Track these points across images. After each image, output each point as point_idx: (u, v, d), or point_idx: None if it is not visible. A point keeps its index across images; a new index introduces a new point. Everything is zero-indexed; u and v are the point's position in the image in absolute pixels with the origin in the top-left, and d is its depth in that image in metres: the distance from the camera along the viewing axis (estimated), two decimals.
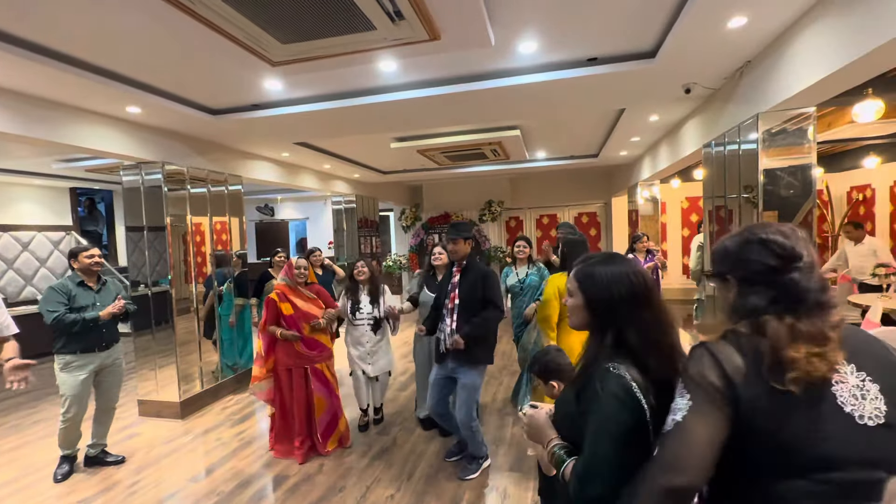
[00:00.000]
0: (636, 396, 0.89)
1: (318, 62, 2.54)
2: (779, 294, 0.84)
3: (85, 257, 2.93)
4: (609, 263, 1.02)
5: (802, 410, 0.76)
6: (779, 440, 0.76)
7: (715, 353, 0.82)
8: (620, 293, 0.97)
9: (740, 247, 0.91)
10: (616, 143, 5.48)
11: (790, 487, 0.77)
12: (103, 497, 2.70)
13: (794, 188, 2.81)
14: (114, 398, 3.10)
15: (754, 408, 0.77)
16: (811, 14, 2.19)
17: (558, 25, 2.44)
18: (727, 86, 3.20)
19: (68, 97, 3.00)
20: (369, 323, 3.31)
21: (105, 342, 2.96)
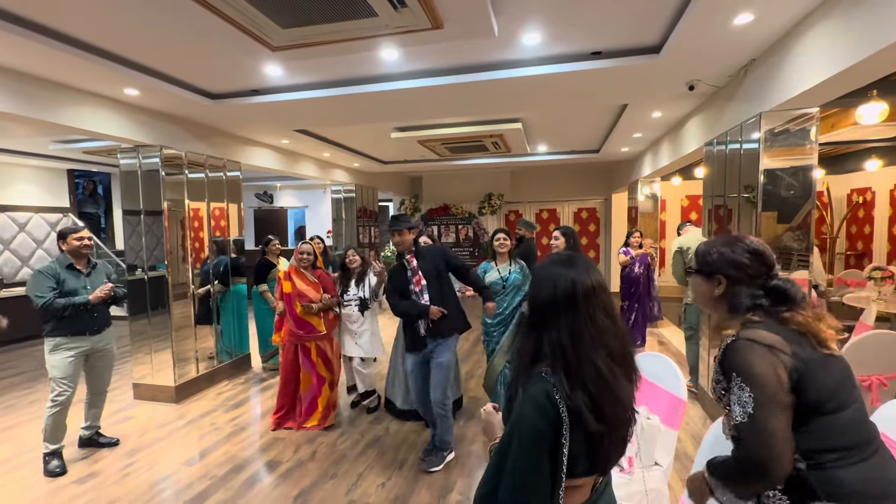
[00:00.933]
0: (555, 402, 0.86)
1: (318, 48, 2.51)
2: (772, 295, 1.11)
3: (74, 239, 2.84)
4: (553, 265, 0.97)
5: (833, 364, 1.05)
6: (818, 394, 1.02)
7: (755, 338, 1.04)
8: (544, 295, 0.94)
9: (737, 254, 1.14)
10: (618, 139, 5.45)
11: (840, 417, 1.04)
12: (97, 479, 2.72)
13: (795, 189, 2.80)
14: (105, 382, 3.08)
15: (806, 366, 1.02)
16: (817, 13, 2.17)
17: (563, 17, 2.41)
18: (731, 84, 3.18)
19: (65, 77, 2.96)
20: (356, 304, 3.52)
21: (97, 326, 2.91)
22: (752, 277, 1.13)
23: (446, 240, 9.29)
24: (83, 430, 3.09)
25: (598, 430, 0.86)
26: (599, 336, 0.90)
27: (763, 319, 1.09)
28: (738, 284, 1.14)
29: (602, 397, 0.87)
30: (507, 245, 3.25)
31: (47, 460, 2.79)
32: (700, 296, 1.24)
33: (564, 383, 0.87)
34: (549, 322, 0.92)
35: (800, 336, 1.06)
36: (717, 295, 1.18)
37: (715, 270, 1.17)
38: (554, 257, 1.01)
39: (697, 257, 1.24)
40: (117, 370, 4.72)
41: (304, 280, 3.37)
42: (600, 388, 0.87)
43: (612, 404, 0.88)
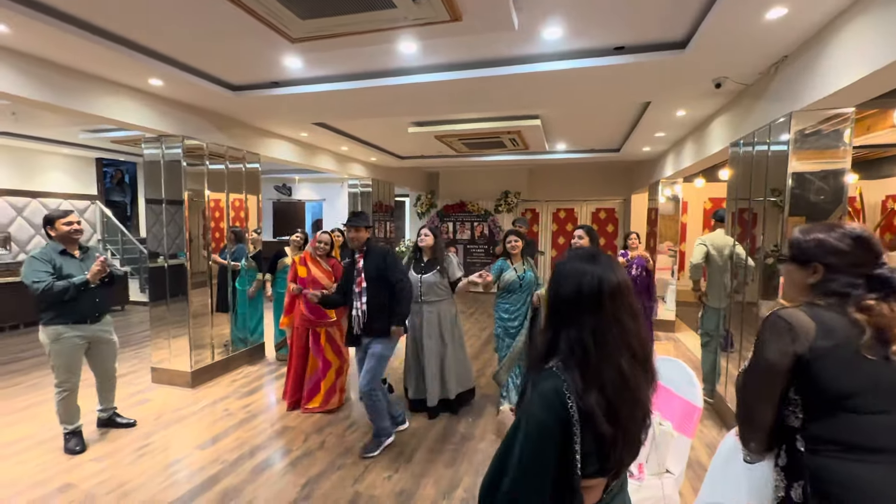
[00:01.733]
0: (565, 400, 0.83)
1: (337, 40, 2.51)
2: (873, 283, 1.06)
3: (62, 224, 2.73)
4: (577, 260, 0.94)
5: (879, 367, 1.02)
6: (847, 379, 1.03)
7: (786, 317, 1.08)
8: (567, 291, 0.90)
9: (836, 240, 1.11)
10: (639, 138, 5.32)
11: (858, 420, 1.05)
12: (113, 458, 2.81)
13: (825, 194, 2.68)
14: (111, 369, 3.08)
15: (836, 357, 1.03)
16: (856, 6, 2.06)
17: (585, 11, 2.35)
18: (760, 82, 3.06)
19: (95, 68, 3.04)
20: None
21: (98, 312, 2.88)
22: (854, 266, 1.09)
23: (461, 237, 9.26)
24: (99, 412, 3.16)
25: (610, 432, 0.83)
26: (623, 337, 0.87)
27: (825, 304, 1.10)
28: (836, 272, 1.10)
29: (620, 399, 0.85)
30: (520, 246, 3.32)
31: (67, 438, 2.88)
32: (792, 284, 1.21)
33: (578, 381, 0.85)
34: (569, 318, 0.89)
35: (852, 329, 1.04)
36: (810, 283, 1.14)
37: (811, 258, 1.14)
38: (577, 253, 0.96)
39: (792, 244, 1.22)
40: (137, 354, 4.88)
41: (319, 267, 3.51)
42: (620, 389, 0.85)
43: (629, 407, 0.86)
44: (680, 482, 1.97)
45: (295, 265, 3.58)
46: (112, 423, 3.18)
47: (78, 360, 2.86)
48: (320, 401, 3.49)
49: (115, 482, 2.55)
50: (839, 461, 1.04)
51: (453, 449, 2.96)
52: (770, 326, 1.11)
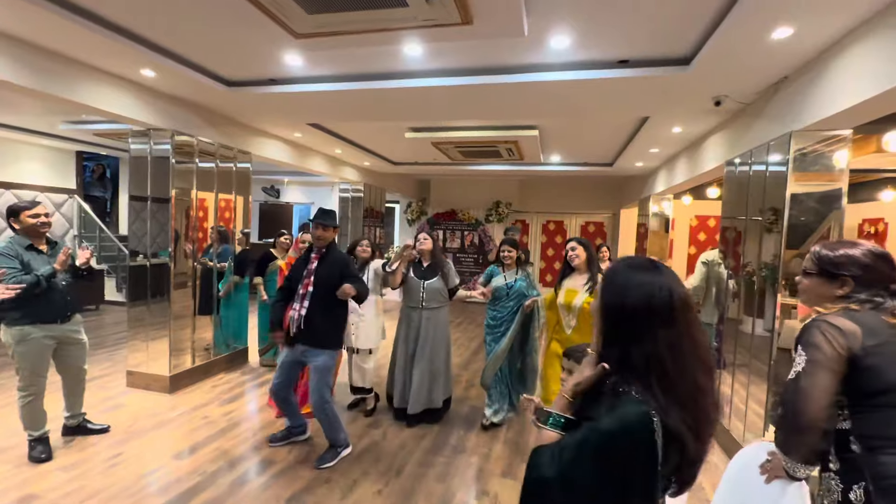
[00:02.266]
0: (651, 427, 0.78)
1: (342, 38, 2.45)
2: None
3: (28, 216, 2.54)
4: (638, 271, 0.88)
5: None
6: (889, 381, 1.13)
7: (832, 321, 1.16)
8: (634, 304, 0.84)
9: (871, 259, 1.22)
10: (634, 153, 5.39)
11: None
12: (83, 467, 2.62)
13: (820, 215, 2.72)
14: (81, 371, 2.89)
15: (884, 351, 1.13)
16: (861, 29, 2.10)
17: (594, 22, 2.35)
18: (759, 101, 3.11)
19: (83, 54, 2.91)
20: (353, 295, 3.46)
21: (68, 311, 2.71)
22: (878, 280, 1.20)
23: (451, 245, 9.22)
24: (66, 418, 2.94)
25: (696, 450, 0.80)
26: (695, 350, 0.83)
27: (860, 308, 1.19)
28: (863, 285, 1.21)
29: (699, 414, 0.82)
30: (513, 256, 3.30)
31: (32, 446, 2.68)
32: (819, 297, 1.29)
33: (660, 400, 0.80)
34: (640, 333, 0.83)
35: (889, 329, 1.16)
36: (839, 295, 1.23)
37: (841, 272, 1.23)
38: (634, 262, 0.90)
39: (821, 259, 1.28)
40: (111, 356, 4.65)
41: None
42: (698, 405, 0.82)
43: (707, 423, 0.83)
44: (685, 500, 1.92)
45: (282, 271, 3.50)
46: (81, 430, 2.98)
47: (45, 362, 2.68)
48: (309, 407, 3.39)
49: (83, 494, 2.37)
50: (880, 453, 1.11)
51: (444, 462, 2.86)
52: (819, 330, 1.17)
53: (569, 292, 2.84)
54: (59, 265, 2.54)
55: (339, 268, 2.73)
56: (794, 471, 1.22)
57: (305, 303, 2.68)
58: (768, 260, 2.93)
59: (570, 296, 2.82)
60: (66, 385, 2.90)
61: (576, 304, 2.78)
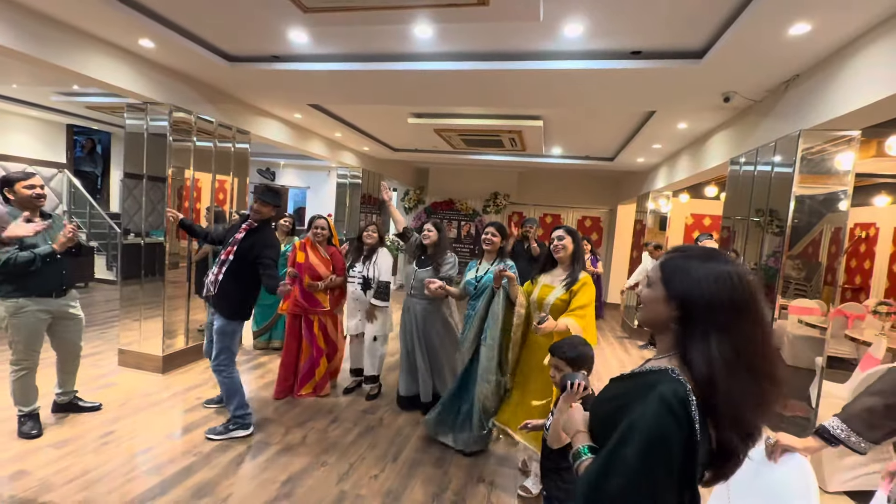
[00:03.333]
0: (689, 409, 0.78)
1: (353, 14, 2.38)
2: None
3: (24, 187, 2.46)
4: (708, 259, 0.86)
5: None
6: None
7: None
8: (720, 295, 0.82)
9: None
10: (636, 148, 5.37)
11: None
12: (74, 444, 2.58)
13: (821, 217, 2.74)
14: (76, 348, 2.83)
15: None
16: (877, 30, 2.09)
17: (609, 10, 2.30)
18: (768, 99, 3.10)
19: (79, 19, 2.79)
20: (359, 282, 3.45)
21: (64, 285, 2.65)
22: None
23: (448, 235, 9.18)
24: (58, 395, 2.89)
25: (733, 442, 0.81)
26: (773, 345, 0.84)
27: None
28: None
29: (770, 403, 0.82)
30: (495, 243, 2.86)
31: (22, 421, 2.63)
32: None
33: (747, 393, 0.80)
34: (723, 324, 0.81)
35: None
36: None
37: None
38: (700, 252, 0.89)
39: None
40: (102, 335, 4.58)
41: (317, 254, 3.42)
42: (770, 400, 0.82)
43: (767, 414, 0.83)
44: None
45: (295, 250, 3.46)
46: (72, 408, 2.93)
47: (40, 337, 2.62)
48: (313, 386, 3.48)
49: (75, 470, 2.34)
50: None
51: (441, 448, 2.86)
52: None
53: (544, 287, 2.40)
54: (59, 246, 2.50)
55: (260, 248, 2.73)
56: (864, 447, 1.38)
57: (223, 268, 2.74)
58: (769, 261, 2.95)
59: (544, 291, 2.39)
60: (60, 361, 2.85)
61: (549, 300, 2.34)
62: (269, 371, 3.92)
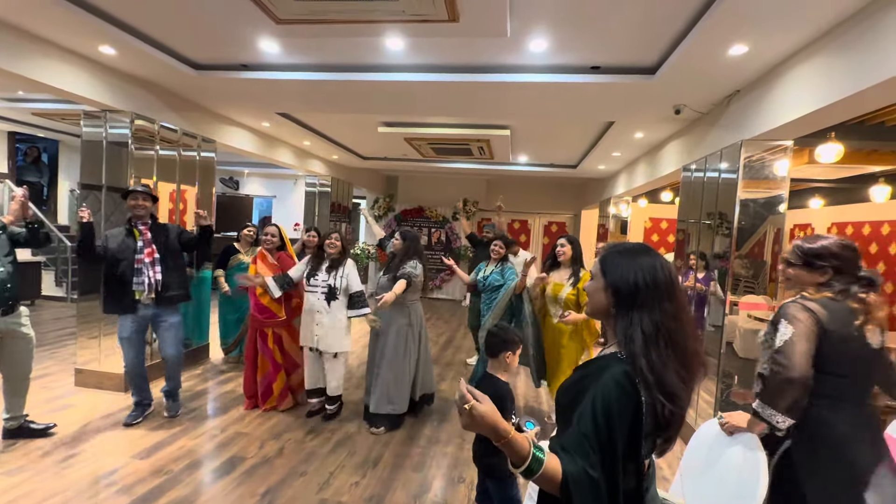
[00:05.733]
0: (634, 382, 0.89)
1: (325, 26, 2.43)
2: (861, 280, 1.47)
3: None
4: (636, 252, 1.00)
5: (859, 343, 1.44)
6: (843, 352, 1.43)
7: (807, 304, 1.45)
8: (645, 279, 0.94)
9: (842, 250, 1.49)
10: (597, 156, 5.65)
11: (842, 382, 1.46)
12: (32, 470, 2.44)
13: (763, 219, 3.00)
14: (25, 368, 2.67)
15: (835, 337, 1.42)
16: (805, 51, 2.35)
17: (570, 28, 2.47)
18: (713, 111, 3.38)
19: (34, 23, 2.68)
20: (323, 292, 3.14)
21: (10, 300, 2.50)
22: (850, 269, 1.48)
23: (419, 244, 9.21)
24: (6, 420, 2.71)
25: (672, 411, 0.89)
26: (689, 320, 0.96)
27: (833, 296, 1.47)
28: (839, 273, 1.49)
29: (692, 374, 0.93)
30: (500, 252, 3.45)
31: None
32: (802, 284, 1.56)
33: (665, 362, 0.90)
34: (646, 305, 0.94)
35: (849, 315, 1.44)
36: (820, 283, 1.51)
37: (823, 264, 1.50)
38: (630, 247, 1.02)
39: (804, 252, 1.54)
40: (53, 355, 4.31)
41: (266, 263, 3.39)
42: (692, 365, 0.93)
43: (691, 386, 0.93)
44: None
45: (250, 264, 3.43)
46: (24, 433, 2.74)
47: None
48: (274, 401, 3.41)
49: (35, 498, 2.21)
50: (821, 408, 1.45)
51: (420, 453, 2.90)
52: (800, 307, 1.46)
53: (556, 285, 3.05)
54: (12, 215, 2.32)
55: (174, 235, 3.09)
56: (776, 421, 1.45)
57: (157, 267, 2.95)
58: (719, 261, 3.20)
59: (556, 288, 3.04)
60: (8, 384, 2.67)
61: (561, 296, 3.00)
62: (240, 385, 3.82)
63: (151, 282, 2.92)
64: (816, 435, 1.43)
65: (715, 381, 3.08)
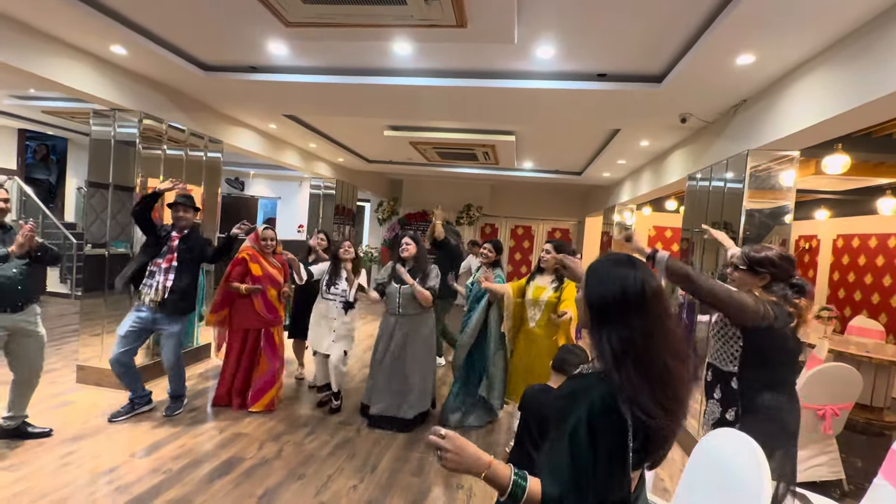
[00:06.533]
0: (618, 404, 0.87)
1: (334, 30, 2.45)
2: (794, 287, 1.70)
3: None
4: (616, 264, 0.96)
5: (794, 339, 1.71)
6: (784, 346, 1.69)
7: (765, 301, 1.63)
8: (612, 293, 0.92)
9: (781, 260, 1.71)
10: (602, 164, 5.65)
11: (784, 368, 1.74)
12: (31, 466, 2.44)
13: (768, 230, 2.99)
14: (35, 367, 2.67)
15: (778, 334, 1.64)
16: (812, 62, 2.35)
17: (578, 35, 2.48)
18: (720, 121, 3.37)
19: (48, 23, 2.72)
20: (341, 301, 3.41)
21: (20, 301, 2.50)
22: (787, 275, 1.72)
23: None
24: (4, 419, 2.67)
25: (662, 429, 0.87)
26: (668, 336, 0.91)
27: (777, 301, 1.67)
28: (775, 279, 1.71)
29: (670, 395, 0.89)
30: (490, 257, 3.40)
31: None
32: (746, 286, 1.76)
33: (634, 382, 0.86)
34: (615, 320, 0.91)
35: (788, 318, 1.65)
36: (760, 286, 1.72)
37: (764, 271, 1.72)
38: (614, 257, 0.99)
39: (750, 259, 1.74)
40: (58, 350, 4.32)
41: (271, 264, 3.41)
42: (669, 386, 0.89)
43: (676, 403, 0.90)
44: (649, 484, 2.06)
45: (244, 263, 3.29)
46: (20, 434, 2.70)
47: None
48: (266, 402, 3.39)
49: (34, 493, 2.21)
50: (762, 393, 1.69)
51: (419, 458, 2.88)
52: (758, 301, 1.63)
53: (537, 289, 3.02)
54: (17, 248, 2.36)
55: (202, 245, 3.17)
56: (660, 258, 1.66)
57: (171, 275, 2.99)
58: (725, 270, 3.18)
59: (537, 292, 3.00)
60: (17, 382, 2.66)
61: (542, 299, 2.98)
62: None
63: (160, 287, 2.97)
64: (764, 415, 1.67)
65: None
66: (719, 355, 1.81)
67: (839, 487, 2.84)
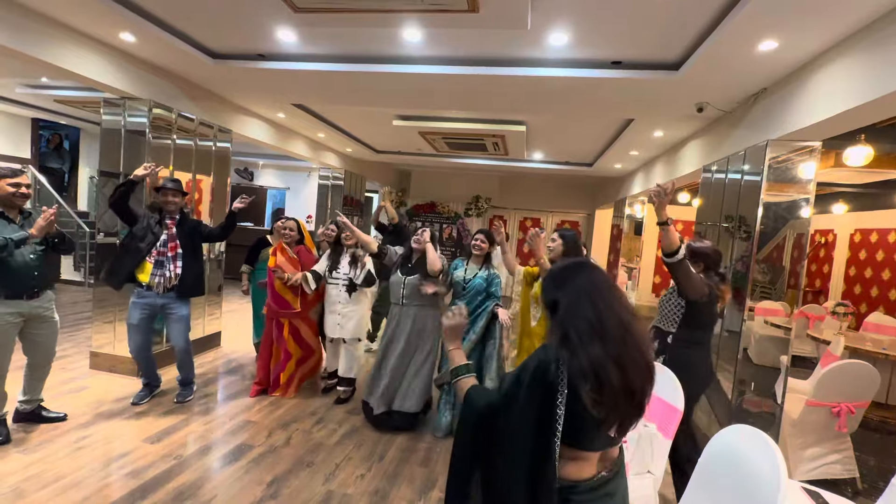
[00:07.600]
0: (556, 368, 1.01)
1: (344, 15, 2.40)
2: (719, 275, 2.32)
3: (8, 185, 2.38)
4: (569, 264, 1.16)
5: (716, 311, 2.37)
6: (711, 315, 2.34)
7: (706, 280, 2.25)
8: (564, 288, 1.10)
9: (713, 253, 2.33)
10: (614, 155, 5.55)
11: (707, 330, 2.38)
12: (46, 450, 2.48)
13: (785, 223, 2.91)
14: (49, 353, 2.70)
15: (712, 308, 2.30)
16: (837, 49, 2.25)
17: (592, 22, 2.41)
18: (738, 110, 3.28)
19: (57, 10, 2.71)
20: (345, 284, 3.38)
21: (36, 287, 2.51)
22: (716, 265, 2.34)
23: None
24: (20, 403, 2.72)
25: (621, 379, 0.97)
26: (620, 297, 1.07)
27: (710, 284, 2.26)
28: (708, 268, 2.31)
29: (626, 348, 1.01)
30: (483, 248, 3.03)
31: None
32: (690, 271, 2.18)
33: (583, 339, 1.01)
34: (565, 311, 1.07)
35: (716, 296, 2.25)
36: (698, 271, 2.25)
37: (700, 259, 2.31)
38: (568, 261, 1.18)
39: (690, 249, 2.24)
40: (71, 337, 4.40)
41: (285, 255, 3.43)
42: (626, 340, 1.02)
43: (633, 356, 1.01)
44: (659, 483, 2.03)
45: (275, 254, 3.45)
46: (35, 418, 2.76)
47: (10, 342, 2.49)
48: (281, 390, 3.49)
49: (48, 477, 2.25)
50: (688, 348, 2.28)
51: (427, 448, 2.89)
52: (702, 281, 2.20)
53: (540, 284, 2.67)
54: (37, 230, 2.37)
55: (196, 231, 3.16)
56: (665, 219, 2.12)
57: (178, 262, 3.03)
58: (737, 265, 3.11)
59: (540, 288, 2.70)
60: (30, 367, 2.71)
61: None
62: (251, 373, 3.86)
63: (171, 275, 3.00)
64: (686, 362, 2.20)
65: (730, 389, 3.01)
66: (664, 319, 2.36)
67: (852, 486, 2.79)
